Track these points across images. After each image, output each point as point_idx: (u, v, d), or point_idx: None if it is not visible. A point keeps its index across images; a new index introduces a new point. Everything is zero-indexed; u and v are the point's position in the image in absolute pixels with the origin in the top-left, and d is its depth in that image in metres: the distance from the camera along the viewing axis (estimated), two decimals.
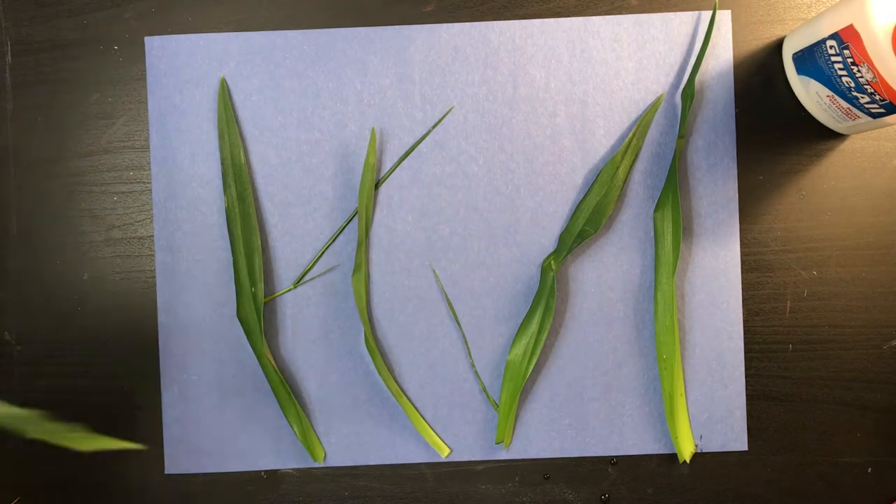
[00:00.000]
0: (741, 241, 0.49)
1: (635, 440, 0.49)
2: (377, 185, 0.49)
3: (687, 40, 0.49)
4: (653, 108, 0.48)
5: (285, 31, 0.48)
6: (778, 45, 0.49)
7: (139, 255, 0.49)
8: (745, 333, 0.49)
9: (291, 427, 0.47)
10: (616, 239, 0.49)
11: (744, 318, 0.49)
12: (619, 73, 0.49)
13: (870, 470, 0.49)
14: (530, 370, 0.47)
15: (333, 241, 0.48)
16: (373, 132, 0.48)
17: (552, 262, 0.47)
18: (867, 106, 0.43)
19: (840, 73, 0.43)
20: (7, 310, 0.49)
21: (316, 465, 0.48)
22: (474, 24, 0.49)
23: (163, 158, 0.48)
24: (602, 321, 0.49)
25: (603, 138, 0.49)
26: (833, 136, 0.49)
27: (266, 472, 0.49)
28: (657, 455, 0.49)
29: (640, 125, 0.48)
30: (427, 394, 0.49)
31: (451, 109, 0.49)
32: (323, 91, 0.49)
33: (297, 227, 0.48)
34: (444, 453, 0.48)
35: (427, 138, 0.49)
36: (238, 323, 0.48)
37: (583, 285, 0.49)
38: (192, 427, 0.48)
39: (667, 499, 0.49)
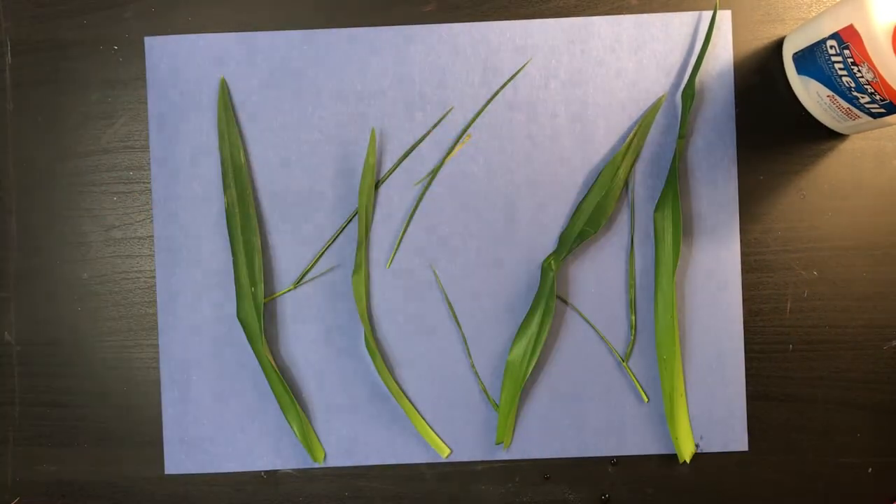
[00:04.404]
0: (741, 241, 0.49)
1: (635, 440, 0.49)
2: (377, 185, 0.49)
3: (687, 40, 0.49)
4: (654, 108, 0.48)
5: (285, 31, 0.48)
6: (778, 45, 0.49)
7: (139, 255, 0.49)
8: (745, 333, 0.49)
9: (291, 427, 0.47)
10: (616, 239, 0.49)
11: (744, 318, 0.49)
12: (619, 73, 0.49)
13: (870, 470, 0.49)
14: (530, 370, 0.47)
15: (333, 241, 0.48)
16: (373, 132, 0.48)
17: (552, 262, 0.47)
18: (867, 106, 0.43)
19: (840, 72, 0.43)
20: (7, 310, 0.49)
21: (316, 465, 0.48)
22: (474, 24, 0.49)
23: (163, 158, 0.48)
24: (602, 321, 0.49)
25: (603, 138, 0.49)
26: (833, 136, 0.49)
27: (266, 472, 0.49)
28: (657, 455, 0.49)
29: (641, 126, 0.48)
30: (427, 394, 0.49)
31: (451, 110, 0.49)
32: (323, 91, 0.48)
33: (297, 227, 0.48)
34: (444, 453, 0.48)
35: (427, 138, 0.49)
36: (238, 323, 0.48)
37: (583, 285, 0.49)
38: (192, 427, 0.48)
39: (667, 499, 0.49)
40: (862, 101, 0.43)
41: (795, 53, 0.47)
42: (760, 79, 0.49)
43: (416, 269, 0.49)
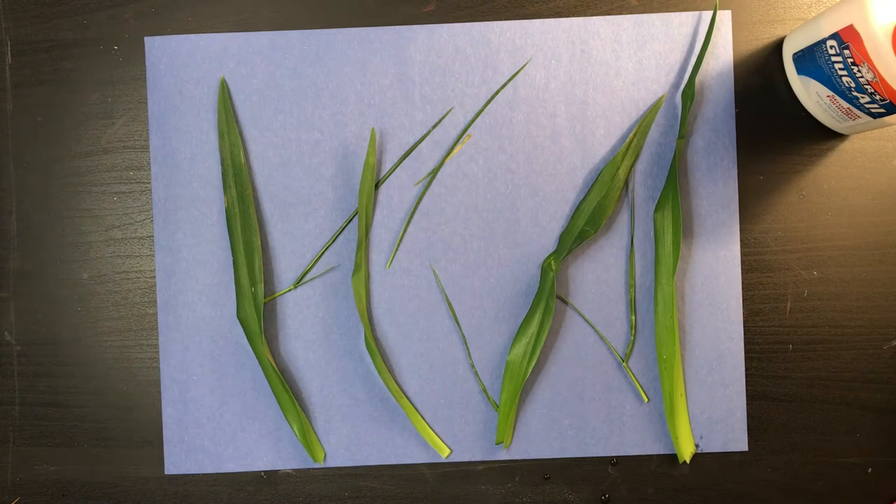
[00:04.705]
0: (741, 241, 0.49)
1: (635, 440, 0.49)
2: (377, 185, 0.49)
3: (687, 40, 0.49)
4: (654, 108, 0.48)
5: (285, 31, 0.48)
6: (778, 45, 0.49)
7: (139, 255, 0.49)
8: (745, 333, 0.49)
9: (291, 427, 0.47)
10: (616, 239, 0.49)
11: (744, 318, 0.49)
12: (619, 73, 0.49)
13: (870, 470, 0.49)
14: (530, 370, 0.47)
15: (333, 241, 0.48)
16: (373, 132, 0.48)
17: (552, 262, 0.47)
18: (867, 106, 0.43)
19: (840, 73, 0.43)
20: (7, 310, 0.49)
21: (316, 465, 0.48)
22: (474, 24, 0.49)
23: (163, 158, 0.48)
24: (602, 321, 0.49)
25: (603, 138, 0.49)
26: (833, 136, 0.49)
27: (266, 472, 0.49)
28: (657, 455, 0.49)
29: (641, 126, 0.48)
30: (427, 394, 0.49)
31: (451, 110, 0.49)
32: (323, 91, 0.48)
33: (297, 227, 0.48)
34: (444, 454, 0.48)
35: (427, 138, 0.49)
36: (238, 323, 0.48)
37: (583, 285, 0.49)
38: (192, 427, 0.48)
39: (667, 499, 0.49)
40: (862, 101, 0.43)
41: (795, 53, 0.47)
42: (760, 79, 0.49)
43: (416, 269, 0.49)
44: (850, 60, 0.42)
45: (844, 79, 0.43)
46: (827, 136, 0.49)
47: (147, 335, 0.49)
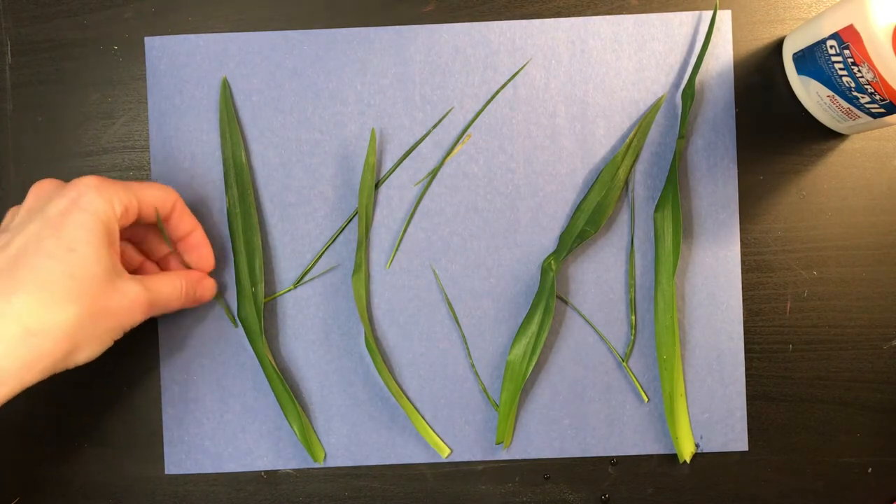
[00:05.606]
0: (741, 241, 0.49)
1: (635, 440, 0.49)
2: (377, 185, 0.49)
3: (687, 40, 0.49)
4: (654, 108, 0.48)
5: (285, 31, 0.48)
6: (778, 45, 0.49)
7: None
8: (745, 333, 0.49)
9: (291, 427, 0.47)
10: (616, 239, 0.49)
11: (744, 318, 0.49)
12: (619, 73, 0.49)
13: (870, 470, 0.49)
14: (530, 370, 0.47)
15: (333, 241, 0.48)
16: (373, 132, 0.48)
17: (552, 262, 0.47)
18: (867, 106, 0.43)
19: (840, 73, 0.43)
20: None
21: (316, 465, 0.48)
22: (474, 24, 0.49)
23: (163, 158, 0.48)
24: (602, 321, 0.49)
25: (603, 138, 0.49)
26: (833, 136, 0.49)
27: (266, 472, 0.49)
28: (657, 455, 0.49)
29: (641, 126, 0.48)
30: (427, 394, 0.49)
31: (451, 110, 0.49)
32: (323, 91, 0.48)
33: (297, 227, 0.48)
34: (444, 454, 0.48)
35: (427, 138, 0.49)
36: (238, 323, 0.48)
37: (583, 285, 0.49)
38: (192, 427, 0.48)
39: (667, 499, 0.49)
40: (862, 101, 0.43)
41: (795, 53, 0.47)
42: (760, 79, 0.49)
43: (416, 269, 0.49)
44: (850, 60, 0.42)
45: (844, 79, 0.43)
46: (827, 136, 0.49)
47: (147, 335, 0.49)
